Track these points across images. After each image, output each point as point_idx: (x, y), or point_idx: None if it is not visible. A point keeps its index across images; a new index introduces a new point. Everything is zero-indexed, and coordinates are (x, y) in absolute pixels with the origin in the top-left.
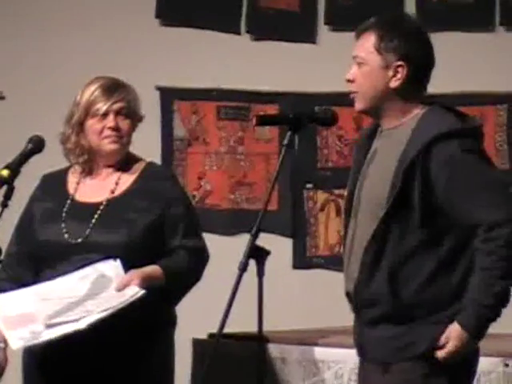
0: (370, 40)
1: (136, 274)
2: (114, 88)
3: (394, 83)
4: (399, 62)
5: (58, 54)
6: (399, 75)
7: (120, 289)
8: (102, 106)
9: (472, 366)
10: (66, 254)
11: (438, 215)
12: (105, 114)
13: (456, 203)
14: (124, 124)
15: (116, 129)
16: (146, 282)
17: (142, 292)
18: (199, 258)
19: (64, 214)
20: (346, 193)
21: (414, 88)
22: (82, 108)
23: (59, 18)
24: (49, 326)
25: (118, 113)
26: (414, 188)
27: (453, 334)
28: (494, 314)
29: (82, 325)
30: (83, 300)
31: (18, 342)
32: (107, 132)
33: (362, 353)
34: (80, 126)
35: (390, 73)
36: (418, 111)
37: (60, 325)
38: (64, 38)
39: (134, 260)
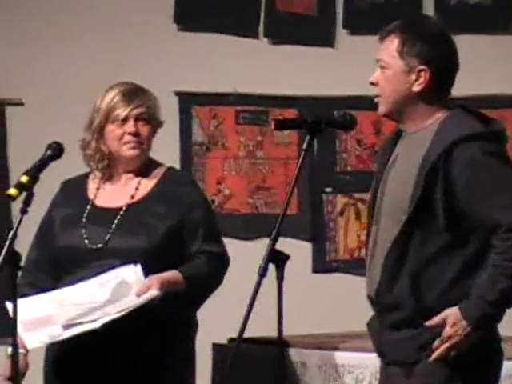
0: (392, 44)
1: (155, 279)
2: (134, 93)
3: (416, 87)
4: (422, 67)
5: (76, 60)
6: (422, 79)
7: (139, 294)
8: (122, 112)
9: (495, 370)
10: (86, 259)
11: (462, 218)
12: (125, 120)
13: (475, 204)
14: (144, 129)
15: (136, 134)
16: (165, 287)
17: (157, 293)
18: (219, 263)
19: (84, 220)
20: (368, 197)
21: (437, 92)
22: (102, 114)
23: (78, 24)
24: (66, 327)
25: (137, 118)
26: (436, 192)
27: (449, 318)
28: (496, 311)
29: (96, 324)
30: (102, 306)
31: (35, 343)
32: (127, 137)
33: (382, 356)
34: (100, 132)
35: (413, 77)
36: (440, 115)
37: (77, 326)
38: (82, 45)
39: (154, 265)
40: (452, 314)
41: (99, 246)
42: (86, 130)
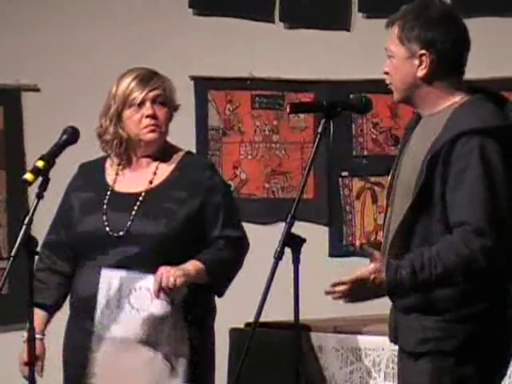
0: (394, 32)
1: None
2: (149, 77)
3: (420, 72)
4: (422, 51)
5: (91, 45)
6: (424, 64)
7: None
8: (139, 95)
9: (506, 352)
10: (107, 245)
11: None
12: (142, 103)
13: (454, 196)
14: (161, 112)
15: (154, 116)
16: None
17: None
18: (239, 248)
19: (105, 206)
20: (388, 180)
21: (443, 75)
22: (119, 99)
23: (94, 10)
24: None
25: (154, 101)
26: (436, 180)
27: (377, 264)
28: (411, 286)
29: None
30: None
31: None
32: (145, 121)
33: (394, 338)
34: (118, 118)
35: (416, 62)
36: (457, 99)
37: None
38: (98, 29)
39: (174, 250)
40: (382, 264)
41: (120, 232)
42: (103, 117)
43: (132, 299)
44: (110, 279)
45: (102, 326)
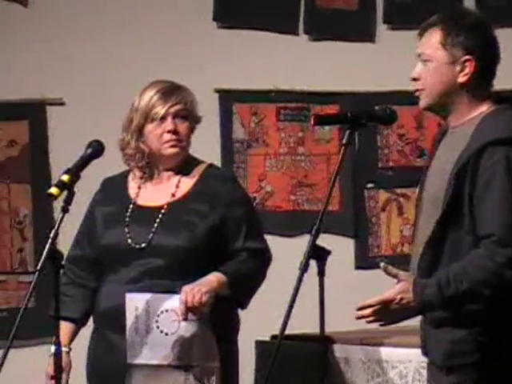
0: (435, 36)
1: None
2: (171, 91)
3: (461, 78)
4: (466, 57)
5: (116, 59)
6: (467, 70)
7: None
8: (161, 110)
9: None
10: (129, 258)
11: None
12: (163, 118)
13: (481, 207)
14: (183, 127)
15: (175, 132)
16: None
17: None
18: (262, 260)
19: (127, 219)
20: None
21: (481, 83)
22: (141, 113)
23: (118, 23)
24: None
25: (176, 116)
26: (464, 192)
27: (404, 285)
28: (440, 304)
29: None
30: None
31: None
32: (167, 136)
33: (425, 351)
34: (139, 132)
35: (458, 68)
36: (484, 109)
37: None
38: (122, 43)
39: (197, 263)
40: (409, 283)
41: (143, 245)
42: (125, 130)
43: (160, 322)
44: (135, 303)
45: (135, 354)
